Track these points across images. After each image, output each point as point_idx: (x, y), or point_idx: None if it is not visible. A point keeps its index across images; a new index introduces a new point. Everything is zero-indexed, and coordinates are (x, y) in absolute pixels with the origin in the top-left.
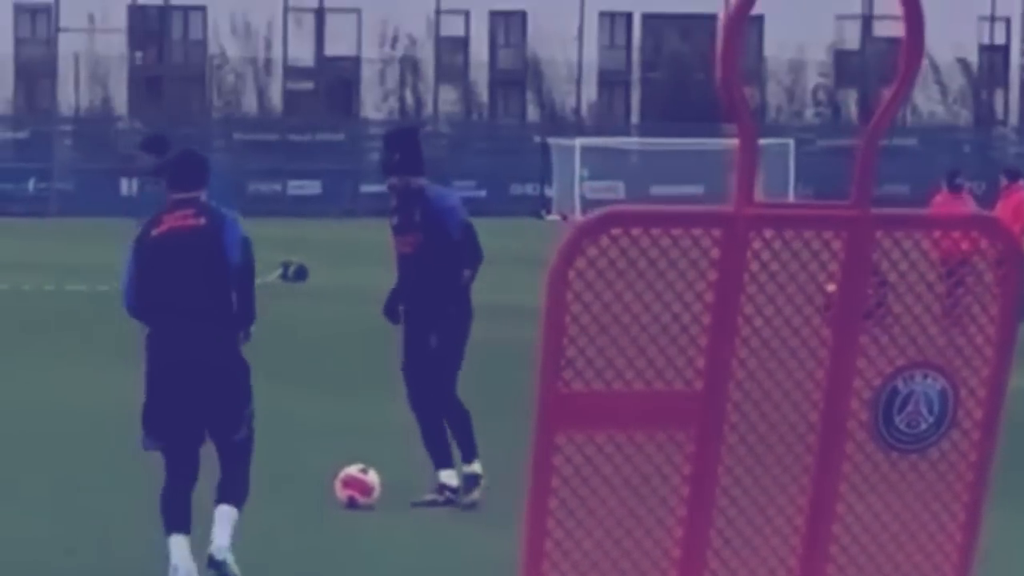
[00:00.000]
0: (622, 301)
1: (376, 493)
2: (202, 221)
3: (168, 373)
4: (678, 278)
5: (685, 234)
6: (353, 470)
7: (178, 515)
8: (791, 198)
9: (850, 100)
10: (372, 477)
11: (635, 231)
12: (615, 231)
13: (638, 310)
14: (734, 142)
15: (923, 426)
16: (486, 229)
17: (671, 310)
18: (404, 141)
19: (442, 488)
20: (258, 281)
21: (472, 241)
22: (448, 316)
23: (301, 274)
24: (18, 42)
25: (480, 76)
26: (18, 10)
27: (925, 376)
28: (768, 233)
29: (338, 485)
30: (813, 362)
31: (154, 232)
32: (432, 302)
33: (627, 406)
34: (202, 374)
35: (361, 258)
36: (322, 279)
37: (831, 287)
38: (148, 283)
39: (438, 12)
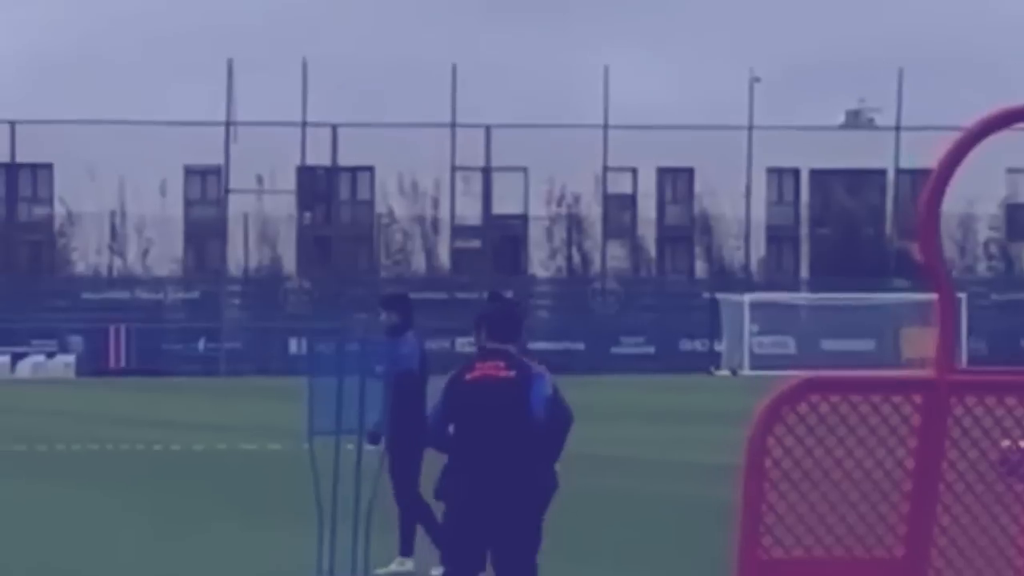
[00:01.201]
0: (821, 467)
1: None
2: (512, 373)
3: (473, 508)
4: (878, 444)
5: (885, 400)
6: None
7: None
8: (963, 352)
9: (1023, 254)
10: None
11: (834, 398)
12: (814, 397)
13: (838, 476)
14: (904, 297)
15: None
16: (655, 385)
17: (871, 476)
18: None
19: None
20: None
21: None
22: None
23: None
24: (188, 203)
25: (648, 232)
26: (188, 172)
27: None
28: (970, 399)
29: None
30: (1016, 528)
31: (467, 376)
32: None
33: (828, 573)
34: (502, 512)
35: None
36: None
37: (1005, 442)
38: (456, 422)
39: (605, 169)
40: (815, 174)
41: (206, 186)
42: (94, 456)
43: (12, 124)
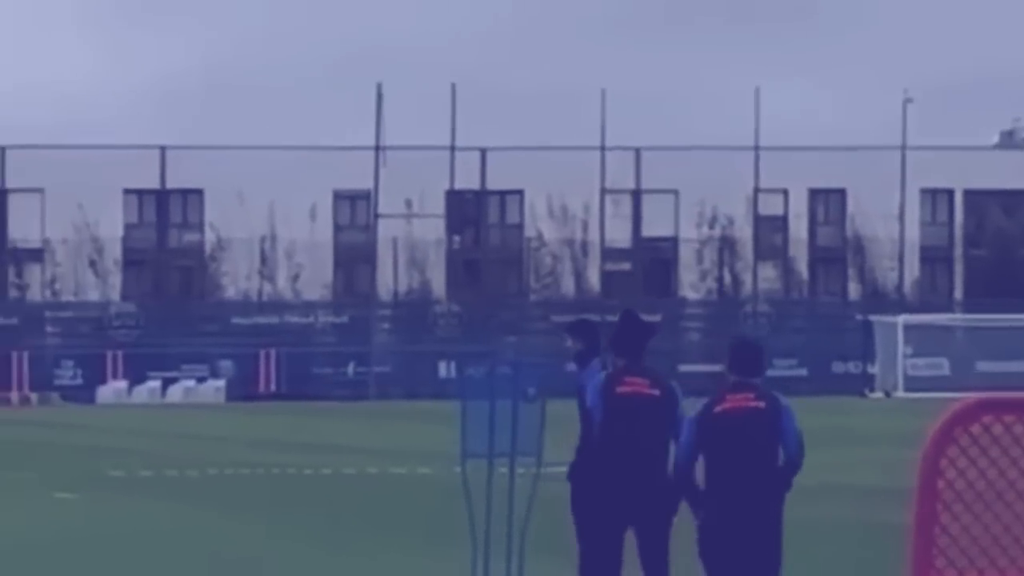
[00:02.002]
0: (994, 488)
1: None
2: (762, 404)
3: (724, 532)
4: None
5: None
6: None
7: None
8: None
9: None
10: None
11: (1008, 418)
12: (987, 418)
13: (1011, 497)
14: None
15: None
16: (807, 407)
17: None
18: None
19: None
20: None
21: None
22: None
23: None
24: (337, 228)
25: (799, 254)
26: (337, 196)
27: None
28: None
29: None
30: None
31: (717, 409)
32: None
33: None
34: (753, 537)
35: None
36: None
37: None
38: (709, 454)
39: (756, 191)
40: (969, 194)
41: (356, 210)
42: (245, 480)
43: (163, 150)
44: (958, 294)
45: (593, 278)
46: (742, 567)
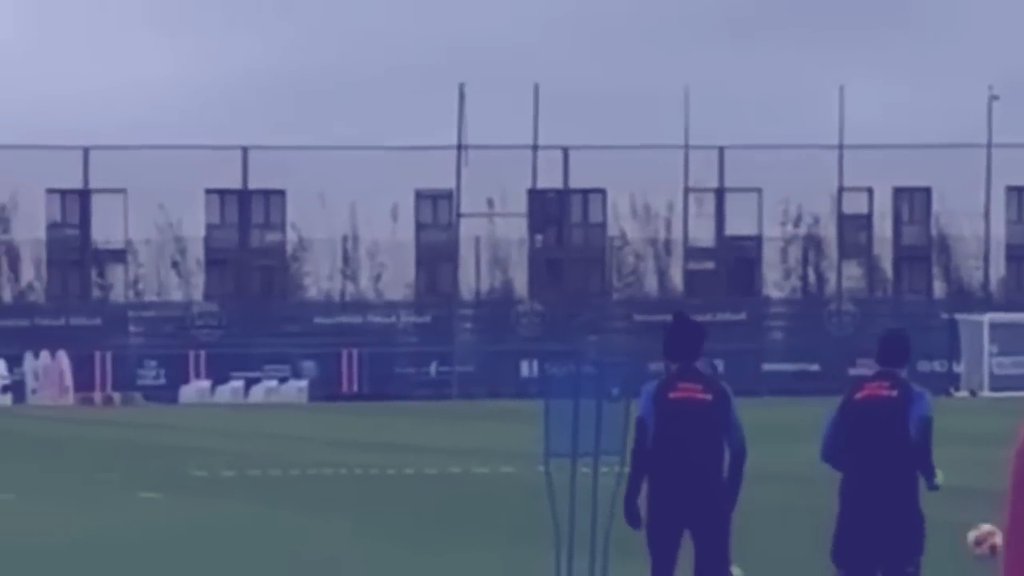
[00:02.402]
0: None
1: None
2: (894, 393)
3: (858, 514)
4: None
5: None
6: None
7: None
8: None
9: None
10: None
11: None
12: None
13: None
14: None
15: None
16: None
17: None
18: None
19: None
20: None
21: None
22: None
23: None
24: (420, 227)
25: (884, 252)
26: (419, 196)
27: None
28: None
29: None
30: None
31: (856, 396)
32: None
33: None
34: (885, 519)
35: (767, 437)
36: None
37: None
38: (847, 439)
39: (840, 190)
40: None
41: (438, 210)
42: (327, 481)
43: (244, 150)
44: None
45: (676, 277)
46: (879, 555)
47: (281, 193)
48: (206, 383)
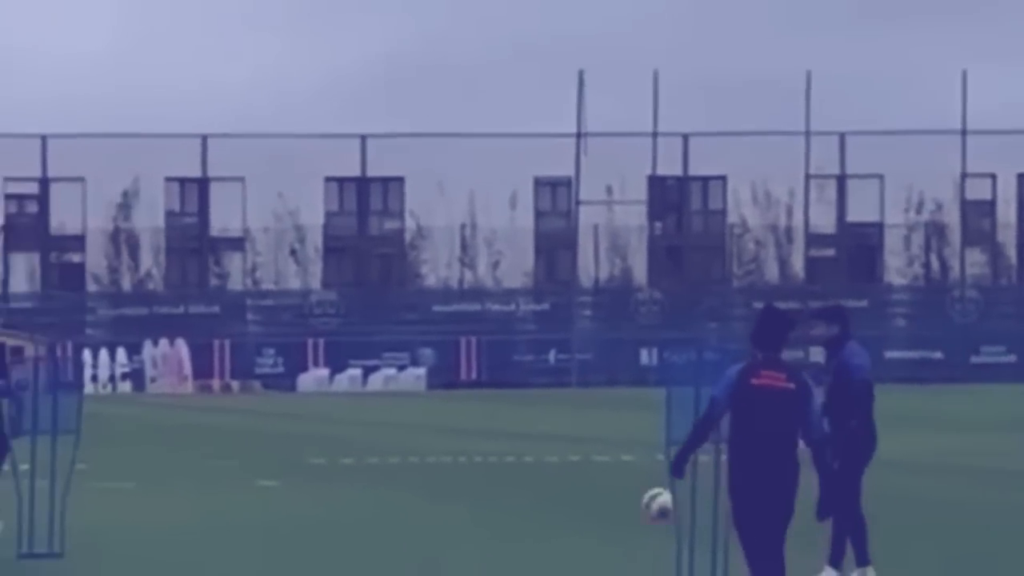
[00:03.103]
0: None
1: None
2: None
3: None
4: None
5: None
6: None
7: None
8: None
9: None
10: None
11: None
12: None
13: None
14: None
15: None
16: (1016, 394)
17: None
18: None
19: None
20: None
21: None
22: None
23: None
24: (538, 215)
25: (1008, 239)
26: (538, 183)
27: None
28: None
29: None
30: None
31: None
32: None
33: None
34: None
35: (887, 425)
36: None
37: None
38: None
39: (964, 175)
40: None
41: (556, 197)
42: (446, 468)
43: (363, 138)
44: None
45: (797, 264)
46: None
47: (400, 180)
48: (324, 371)
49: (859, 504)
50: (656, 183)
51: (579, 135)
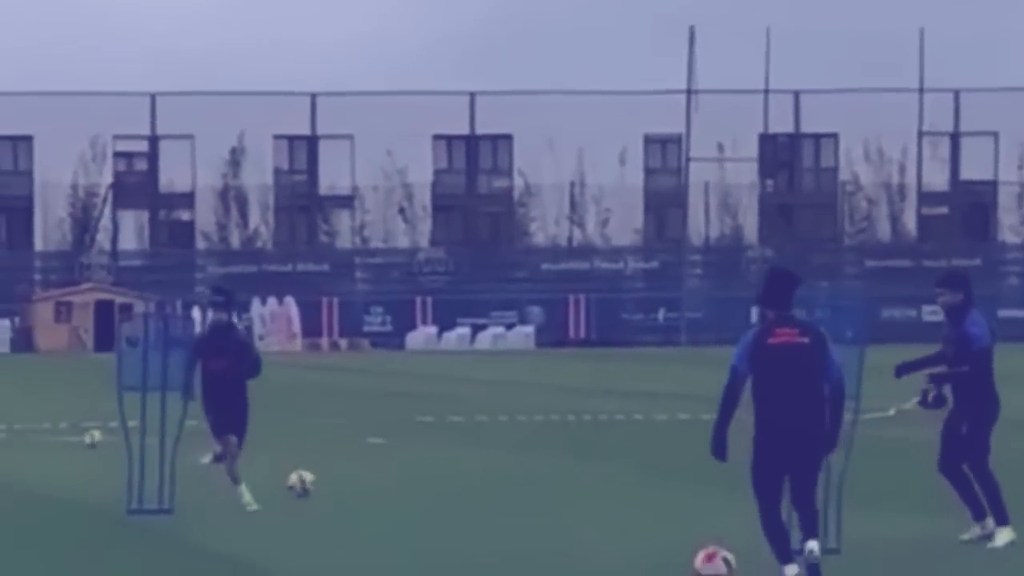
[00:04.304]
0: None
1: None
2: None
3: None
4: None
5: None
6: None
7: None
8: None
9: None
10: None
11: None
12: None
13: None
14: None
15: None
16: None
17: None
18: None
19: None
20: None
21: None
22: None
23: (939, 402)
24: (648, 172)
25: None
26: (648, 141)
27: None
28: None
29: None
30: None
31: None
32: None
33: None
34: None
35: (1002, 384)
36: None
37: None
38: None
39: None
40: None
41: (666, 155)
42: (555, 427)
43: (472, 95)
44: None
45: (909, 222)
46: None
47: (508, 138)
48: (433, 329)
49: (988, 463)
50: (767, 140)
51: (690, 92)
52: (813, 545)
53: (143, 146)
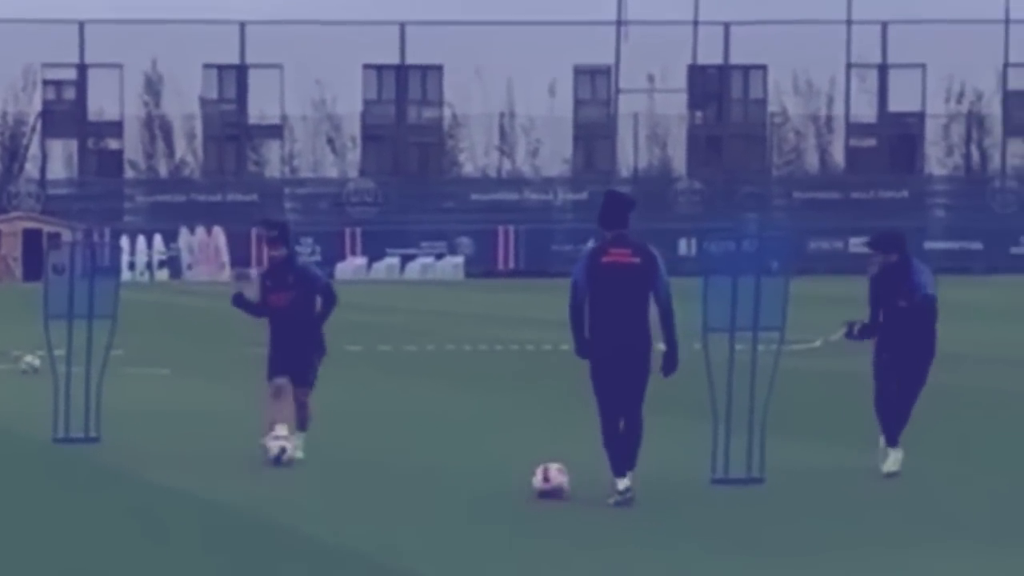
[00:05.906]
0: None
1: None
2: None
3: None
4: None
5: None
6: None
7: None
8: None
9: None
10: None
11: None
12: None
13: None
14: None
15: None
16: None
17: None
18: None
19: None
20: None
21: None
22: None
23: (865, 332)
24: (578, 103)
25: None
26: (578, 71)
27: None
28: None
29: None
30: None
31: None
32: None
33: None
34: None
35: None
36: None
37: None
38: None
39: (1006, 65)
40: None
41: (596, 86)
42: (483, 356)
43: (402, 25)
44: None
45: (837, 154)
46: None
47: (438, 68)
48: (362, 260)
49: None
50: (696, 72)
51: (619, 23)
52: (623, 484)
53: (72, 74)
